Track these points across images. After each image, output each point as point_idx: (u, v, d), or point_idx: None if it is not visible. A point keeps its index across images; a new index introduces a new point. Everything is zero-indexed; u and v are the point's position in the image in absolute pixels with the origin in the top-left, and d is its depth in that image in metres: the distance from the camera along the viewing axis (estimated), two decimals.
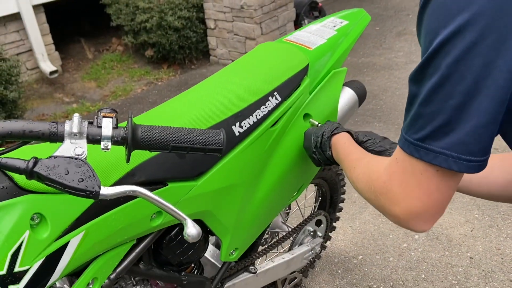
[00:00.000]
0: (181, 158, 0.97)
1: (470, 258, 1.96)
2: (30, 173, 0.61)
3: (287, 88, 1.17)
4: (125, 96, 4.03)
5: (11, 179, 0.74)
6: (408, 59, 4.05)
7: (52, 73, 4.10)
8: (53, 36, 4.34)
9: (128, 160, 0.70)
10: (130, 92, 4.09)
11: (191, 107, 1.06)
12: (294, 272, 1.67)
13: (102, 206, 0.83)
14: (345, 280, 1.92)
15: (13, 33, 4.02)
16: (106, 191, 0.64)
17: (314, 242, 1.65)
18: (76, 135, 0.65)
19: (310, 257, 1.65)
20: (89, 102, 3.91)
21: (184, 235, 0.69)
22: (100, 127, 0.66)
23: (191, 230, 0.68)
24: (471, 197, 2.26)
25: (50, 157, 0.63)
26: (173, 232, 1.04)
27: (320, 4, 4.54)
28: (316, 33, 1.35)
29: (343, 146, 1.04)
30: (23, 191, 0.74)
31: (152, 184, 0.93)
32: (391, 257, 2.02)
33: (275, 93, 1.14)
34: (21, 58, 3.91)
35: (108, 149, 0.67)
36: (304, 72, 1.21)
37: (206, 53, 4.52)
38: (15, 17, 3.95)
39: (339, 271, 1.97)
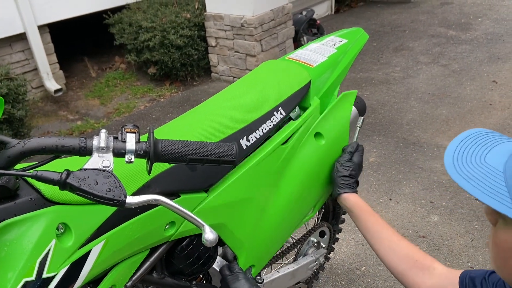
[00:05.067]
0: (193, 171, 1.03)
1: (471, 268, 1.99)
2: (64, 184, 0.67)
3: (291, 104, 1.23)
4: (128, 113, 4.10)
5: (38, 191, 0.79)
6: (405, 74, 4.14)
7: (56, 91, 4.18)
8: (57, 55, 4.44)
9: (149, 172, 0.75)
10: (133, 109, 4.16)
11: (201, 122, 1.12)
12: (299, 282, 1.71)
13: (121, 216, 0.88)
14: None
15: (19, 53, 4.11)
16: (132, 200, 0.69)
17: (318, 253, 1.69)
18: (104, 149, 0.70)
19: (315, 267, 1.69)
20: (93, 119, 3.98)
21: (202, 240, 0.74)
22: (125, 141, 0.72)
23: (209, 235, 0.73)
24: (471, 208, 2.31)
25: (80, 169, 0.68)
26: (185, 242, 1.09)
27: (318, 22, 4.65)
28: (317, 51, 1.42)
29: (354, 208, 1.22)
30: (49, 202, 0.79)
31: (166, 195, 0.98)
32: None
33: (280, 108, 1.20)
34: (27, 77, 3.99)
35: (131, 162, 0.73)
36: (306, 88, 1.28)
37: (207, 70, 4.61)
38: (21, 37, 4.05)
39: (343, 282, 2.01)
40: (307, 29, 4.58)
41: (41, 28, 4.14)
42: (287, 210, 1.25)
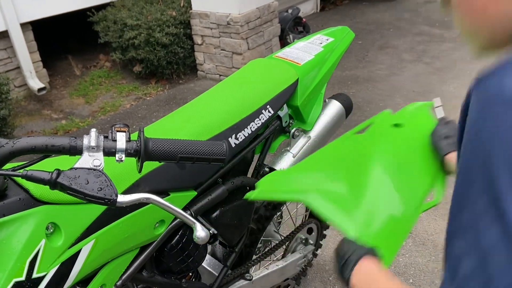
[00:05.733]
0: (182, 170, 1.03)
1: None
2: (54, 184, 0.67)
3: (279, 102, 1.24)
4: (114, 111, 4.06)
5: (26, 191, 0.78)
6: (390, 72, 4.19)
7: (40, 90, 4.11)
8: (41, 53, 4.37)
9: (140, 170, 0.75)
10: (119, 108, 4.13)
11: (190, 121, 1.12)
12: (287, 279, 1.72)
13: (110, 215, 0.88)
14: (336, 286, 1.98)
15: (1, 51, 4.04)
16: (123, 198, 0.69)
17: (306, 250, 1.70)
18: (94, 148, 0.70)
19: (303, 264, 1.70)
20: (78, 118, 3.94)
21: (194, 238, 0.74)
22: (115, 140, 0.72)
23: (200, 233, 0.74)
24: None
25: (71, 168, 0.68)
26: (174, 241, 1.09)
27: (304, 20, 4.67)
28: (304, 50, 1.43)
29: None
30: (38, 202, 0.79)
31: (156, 194, 0.98)
32: None
33: (268, 106, 1.21)
34: (9, 76, 3.92)
35: (122, 161, 0.73)
36: (294, 86, 1.29)
37: (193, 68, 4.60)
38: (3, 35, 3.98)
39: (330, 278, 2.03)
40: (293, 27, 4.59)
41: (23, 26, 4.07)
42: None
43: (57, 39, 5.22)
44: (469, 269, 0.48)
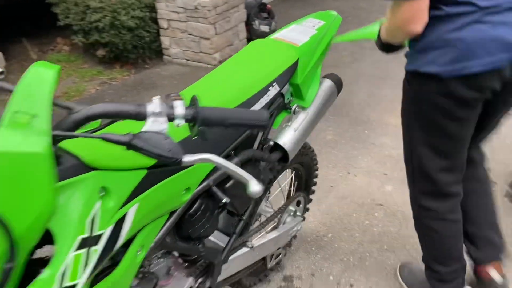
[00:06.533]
0: (205, 141, 1.11)
1: None
2: (129, 145, 0.73)
3: (284, 80, 1.34)
4: (78, 96, 3.97)
5: (77, 158, 0.83)
6: (353, 58, 4.39)
7: None
8: None
9: (195, 136, 0.82)
10: (83, 93, 4.04)
11: (204, 98, 1.19)
12: (279, 248, 1.84)
13: (149, 181, 0.95)
14: (318, 255, 2.13)
15: None
16: (188, 158, 0.77)
17: (295, 221, 1.83)
18: (158, 114, 0.76)
19: (293, 233, 1.83)
20: None
21: (248, 192, 0.83)
22: (174, 107, 0.79)
23: (255, 187, 0.82)
24: None
25: (142, 132, 0.74)
26: (193, 208, 1.17)
27: (268, 6, 4.75)
28: (300, 32, 1.53)
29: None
30: (89, 168, 0.84)
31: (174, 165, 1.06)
32: (356, 233, 2.25)
33: (274, 83, 1.30)
34: None
35: (179, 126, 0.79)
36: (295, 65, 1.39)
37: (159, 52, 4.56)
38: None
39: (313, 248, 2.17)
40: (258, 13, 4.67)
41: None
42: None
43: (11, 21, 4.97)
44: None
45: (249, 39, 4.55)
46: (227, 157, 1.24)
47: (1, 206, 0.61)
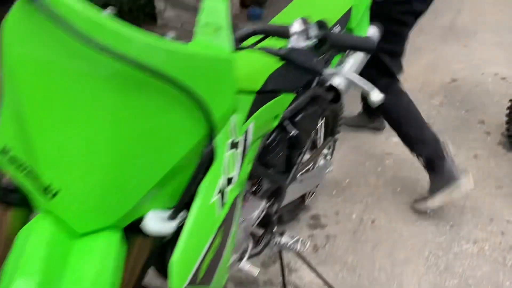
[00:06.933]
0: (288, 74, 1.24)
1: None
2: (283, 57, 0.86)
3: (344, 21, 1.48)
4: None
5: None
6: None
7: None
8: None
9: (322, 53, 0.96)
10: None
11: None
12: (316, 186, 2.02)
13: (257, 103, 1.08)
14: (339, 198, 2.33)
15: None
16: (327, 71, 0.91)
17: (328, 162, 2.00)
18: (299, 33, 0.89)
19: (326, 174, 2.01)
20: None
21: (369, 101, 0.98)
22: (309, 28, 0.91)
23: (377, 96, 0.97)
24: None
25: (290, 48, 0.88)
26: (271, 138, 1.31)
27: None
28: None
29: None
30: None
31: (273, 92, 1.19)
32: (371, 178, 2.47)
33: (338, 24, 1.44)
34: None
35: (310, 45, 0.92)
36: (350, 12, 1.53)
37: (152, 16, 4.54)
38: None
39: (333, 192, 2.37)
40: None
41: None
42: None
43: None
44: None
45: (246, 5, 4.61)
46: (296, 93, 1.38)
47: (205, 96, 0.73)
